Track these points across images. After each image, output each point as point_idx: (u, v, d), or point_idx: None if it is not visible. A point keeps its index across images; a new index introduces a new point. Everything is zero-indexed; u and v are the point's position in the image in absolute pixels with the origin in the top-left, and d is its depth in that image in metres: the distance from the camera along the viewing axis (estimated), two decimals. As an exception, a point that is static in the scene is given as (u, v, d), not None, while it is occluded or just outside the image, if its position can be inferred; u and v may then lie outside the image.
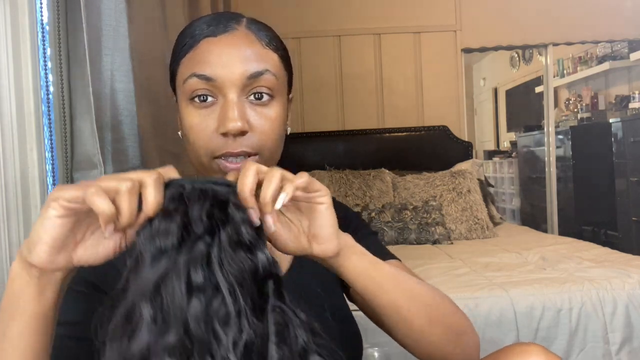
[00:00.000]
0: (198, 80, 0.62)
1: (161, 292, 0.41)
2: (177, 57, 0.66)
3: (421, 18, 3.31)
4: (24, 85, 0.97)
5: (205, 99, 0.63)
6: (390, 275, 0.58)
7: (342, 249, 0.54)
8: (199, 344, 0.40)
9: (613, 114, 4.20)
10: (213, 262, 0.42)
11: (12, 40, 0.95)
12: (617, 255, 2.03)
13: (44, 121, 1.03)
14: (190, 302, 0.40)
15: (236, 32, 0.65)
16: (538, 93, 5.19)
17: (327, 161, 3.02)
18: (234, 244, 0.43)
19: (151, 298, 0.40)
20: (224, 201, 0.44)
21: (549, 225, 3.64)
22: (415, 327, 0.60)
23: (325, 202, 0.51)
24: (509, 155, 5.66)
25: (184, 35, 0.67)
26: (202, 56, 0.63)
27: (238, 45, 0.63)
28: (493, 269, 1.89)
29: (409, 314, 0.59)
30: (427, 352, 0.62)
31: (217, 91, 0.62)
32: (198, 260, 0.41)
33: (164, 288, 0.41)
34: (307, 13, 3.23)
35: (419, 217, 2.55)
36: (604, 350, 1.55)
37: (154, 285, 0.41)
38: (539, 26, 3.33)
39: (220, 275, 0.42)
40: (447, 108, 3.33)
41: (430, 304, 0.61)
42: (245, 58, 0.63)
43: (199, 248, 0.42)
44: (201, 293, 0.41)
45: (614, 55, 4.39)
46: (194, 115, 0.63)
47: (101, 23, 1.15)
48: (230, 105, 0.61)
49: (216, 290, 0.41)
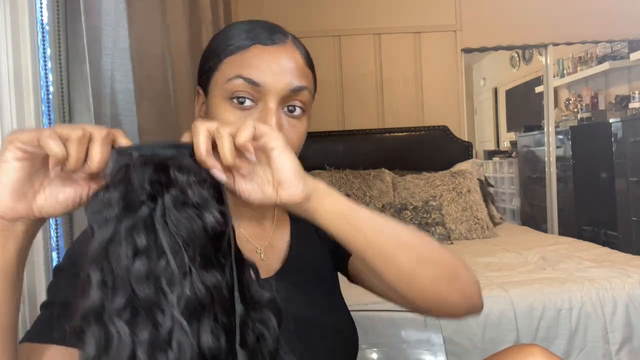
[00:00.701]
0: (244, 83, 0.64)
1: (108, 258, 0.43)
2: (220, 55, 0.67)
3: (421, 18, 3.31)
4: (24, 85, 0.97)
5: (243, 102, 0.65)
6: (369, 218, 0.57)
7: (311, 193, 0.54)
8: (146, 304, 0.42)
9: (613, 114, 4.20)
10: (157, 224, 0.44)
11: (12, 40, 0.95)
12: (617, 255, 2.03)
13: (44, 121, 1.03)
14: (134, 265, 0.43)
15: (286, 45, 0.68)
16: (538, 93, 5.19)
17: (327, 161, 3.03)
18: (179, 205, 0.44)
19: (98, 264, 0.43)
20: (167, 166, 0.46)
21: (549, 225, 3.64)
22: (404, 270, 0.58)
23: (276, 147, 0.51)
24: (509, 155, 5.66)
25: (228, 36, 0.68)
26: (251, 61, 0.65)
27: (287, 58, 0.67)
28: (493, 269, 1.89)
29: (395, 257, 0.58)
30: (423, 296, 0.61)
31: (259, 96, 0.65)
32: (140, 224, 0.43)
33: (111, 254, 0.43)
34: (307, 13, 3.23)
35: (419, 217, 2.55)
36: (604, 350, 1.55)
37: (100, 252, 0.43)
38: (539, 26, 3.33)
39: (163, 236, 0.43)
40: (447, 108, 3.33)
41: (416, 244, 0.60)
42: (291, 71, 0.66)
43: (141, 213, 0.44)
44: (144, 255, 0.43)
45: (614, 55, 4.39)
46: (230, 113, 0.65)
47: (101, 23, 1.15)
48: (271, 113, 0.64)
49: (162, 252, 0.43)
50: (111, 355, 0.41)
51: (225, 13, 2.54)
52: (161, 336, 0.42)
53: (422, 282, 0.59)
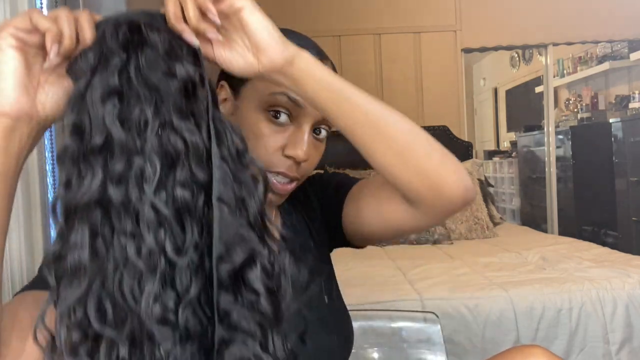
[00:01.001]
0: (288, 101, 0.65)
1: (84, 103, 0.44)
2: None
3: (421, 18, 3.31)
4: (24, 85, 0.97)
5: (279, 116, 0.66)
6: (357, 90, 0.56)
7: (294, 57, 0.52)
8: (120, 144, 0.43)
9: (613, 114, 4.20)
10: (131, 74, 0.45)
11: (12, 40, 0.95)
12: (617, 255, 2.03)
13: (44, 121, 1.03)
14: (105, 106, 0.44)
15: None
16: (538, 93, 5.18)
17: (327, 161, 3.01)
18: (152, 60, 0.46)
19: (73, 109, 0.45)
20: (139, 25, 0.47)
21: (549, 225, 3.64)
22: (398, 141, 0.57)
23: (245, 6, 0.49)
24: (509, 155, 5.66)
25: None
26: None
27: None
28: (493, 269, 1.89)
29: (387, 126, 0.57)
30: (419, 173, 0.58)
31: (295, 116, 0.66)
32: (115, 71, 0.45)
33: (87, 100, 0.44)
34: (307, 13, 3.23)
35: (419, 217, 2.55)
36: (604, 350, 1.55)
37: (75, 99, 0.45)
38: (539, 26, 3.33)
39: (137, 85, 0.45)
40: (447, 108, 3.33)
41: (404, 118, 0.58)
42: None
43: (114, 61, 0.45)
44: (115, 98, 0.44)
45: (614, 55, 4.38)
46: (265, 126, 0.66)
47: (101, 23, 1.15)
48: (305, 135, 0.66)
49: (137, 99, 0.44)
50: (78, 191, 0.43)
51: (225, 13, 2.53)
52: (133, 173, 0.43)
53: (417, 156, 0.57)
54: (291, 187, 0.69)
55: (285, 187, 0.68)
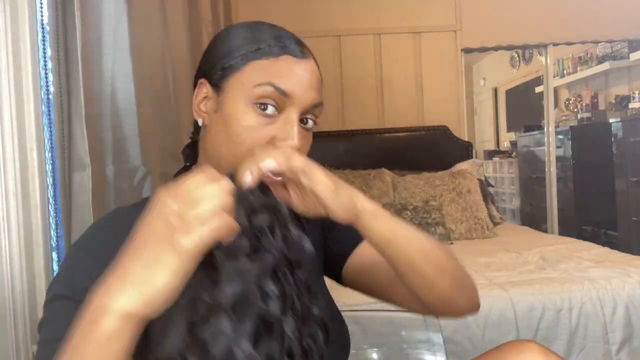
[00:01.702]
0: (274, 91, 0.64)
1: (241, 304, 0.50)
2: (245, 57, 0.67)
3: (421, 18, 3.31)
4: (24, 85, 0.97)
5: (266, 108, 0.65)
6: (405, 235, 0.65)
7: (359, 216, 0.61)
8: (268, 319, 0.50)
9: (613, 114, 4.20)
10: (278, 271, 0.53)
11: (12, 40, 0.95)
12: (617, 255, 2.03)
13: (44, 121, 1.03)
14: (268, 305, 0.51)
15: (311, 60, 0.69)
16: (538, 93, 5.18)
17: (327, 161, 2.99)
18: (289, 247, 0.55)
19: (229, 311, 0.49)
20: (282, 216, 0.56)
21: (549, 225, 3.64)
22: (428, 278, 0.67)
23: (306, 185, 0.58)
24: (509, 155, 5.66)
25: (255, 39, 0.68)
26: (283, 71, 0.66)
27: (314, 74, 0.68)
28: (493, 269, 1.89)
29: (421, 268, 0.66)
30: (437, 299, 0.69)
31: (283, 106, 0.66)
32: (267, 272, 0.52)
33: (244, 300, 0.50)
34: (307, 13, 3.23)
35: (419, 217, 2.55)
36: (604, 350, 1.55)
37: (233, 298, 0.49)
38: (539, 26, 3.33)
39: (286, 284, 0.53)
40: (447, 108, 3.33)
41: (438, 257, 0.68)
42: (316, 87, 0.68)
43: (267, 261, 0.52)
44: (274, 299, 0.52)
45: (614, 55, 4.39)
46: (252, 118, 0.65)
47: (101, 23, 1.15)
48: (293, 124, 0.66)
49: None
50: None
51: (225, 13, 2.54)
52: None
53: (440, 289, 0.68)
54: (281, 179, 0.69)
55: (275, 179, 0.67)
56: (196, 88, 0.71)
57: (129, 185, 1.28)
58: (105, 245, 0.58)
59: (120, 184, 1.23)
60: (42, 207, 1.00)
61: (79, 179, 1.06)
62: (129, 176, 1.30)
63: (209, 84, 0.69)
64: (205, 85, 0.70)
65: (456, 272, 0.70)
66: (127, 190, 1.26)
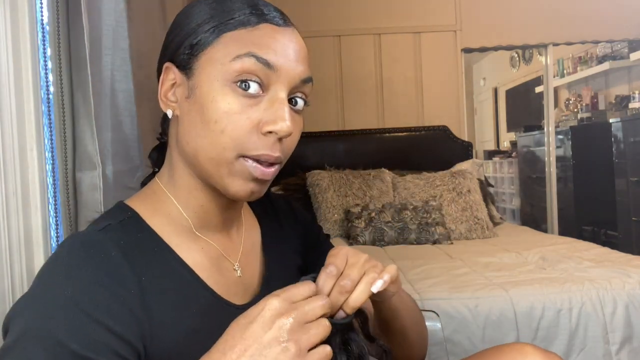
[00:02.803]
0: (256, 63, 0.53)
1: None
2: (216, 29, 0.56)
3: (421, 18, 3.31)
4: (24, 85, 0.97)
5: (248, 87, 0.54)
6: (405, 306, 0.73)
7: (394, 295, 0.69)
8: None
9: (613, 114, 4.20)
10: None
11: (12, 40, 0.95)
12: (617, 255, 2.03)
13: (44, 121, 1.03)
14: None
15: (294, 29, 0.60)
16: (538, 93, 5.19)
17: (327, 161, 3.02)
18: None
19: None
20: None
21: (549, 225, 3.64)
22: (409, 339, 0.76)
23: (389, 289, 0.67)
24: (509, 155, 5.66)
25: (225, 8, 0.57)
26: (263, 40, 0.55)
27: (300, 45, 0.59)
28: (493, 269, 1.88)
29: (407, 331, 0.75)
30: (405, 352, 0.77)
31: (268, 83, 0.55)
32: None
33: None
34: (307, 13, 3.23)
35: (419, 217, 2.55)
36: (604, 350, 1.55)
37: None
38: (539, 26, 3.33)
39: None
40: (447, 108, 3.33)
41: (421, 325, 0.80)
42: (304, 59, 0.58)
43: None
44: None
45: (614, 55, 4.39)
46: (232, 101, 0.54)
47: (101, 23, 1.15)
48: (283, 104, 0.55)
49: None
50: None
51: (225, 13, 2.53)
52: None
53: (412, 346, 0.78)
54: (273, 170, 0.58)
55: (266, 170, 0.57)
56: (161, 75, 0.60)
57: (129, 185, 1.29)
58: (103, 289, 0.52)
59: (120, 184, 1.23)
60: (42, 207, 1.00)
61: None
62: (129, 176, 1.30)
63: (175, 68, 0.59)
64: (172, 69, 0.59)
65: (426, 334, 0.82)
66: (127, 190, 1.27)
